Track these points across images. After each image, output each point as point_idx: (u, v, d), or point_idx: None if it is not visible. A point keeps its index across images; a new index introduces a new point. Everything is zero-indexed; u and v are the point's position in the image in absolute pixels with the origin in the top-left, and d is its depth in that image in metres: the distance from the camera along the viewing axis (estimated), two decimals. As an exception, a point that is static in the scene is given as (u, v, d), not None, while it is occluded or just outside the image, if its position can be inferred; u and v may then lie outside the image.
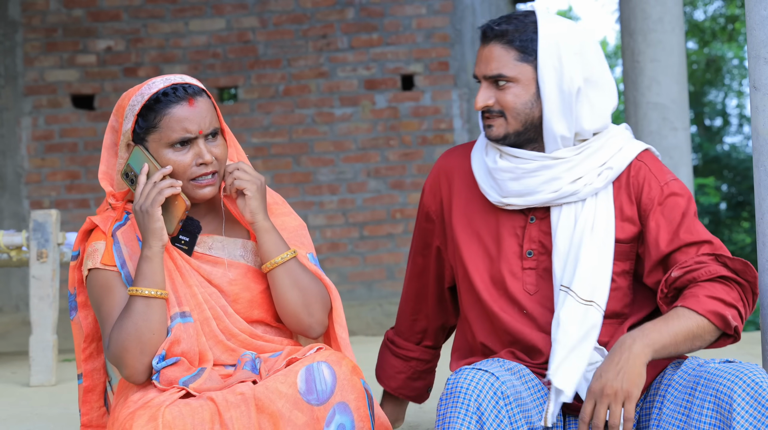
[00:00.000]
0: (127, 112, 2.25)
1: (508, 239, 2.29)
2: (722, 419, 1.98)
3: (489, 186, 2.31)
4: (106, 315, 2.21)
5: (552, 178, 2.24)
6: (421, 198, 2.48)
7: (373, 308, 7.04)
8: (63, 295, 6.97)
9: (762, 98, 2.34)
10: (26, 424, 3.06)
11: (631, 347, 2.07)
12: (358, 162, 7.23)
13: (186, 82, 2.25)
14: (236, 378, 2.17)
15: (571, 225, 2.24)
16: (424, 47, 7.21)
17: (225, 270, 2.29)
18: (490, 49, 2.25)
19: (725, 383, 2.00)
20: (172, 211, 2.23)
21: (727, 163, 17.82)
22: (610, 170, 2.25)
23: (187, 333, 2.21)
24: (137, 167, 2.24)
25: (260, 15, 7.31)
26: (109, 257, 2.24)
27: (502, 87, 2.24)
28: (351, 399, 2.13)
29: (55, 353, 4.00)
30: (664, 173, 2.27)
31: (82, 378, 2.37)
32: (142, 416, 2.04)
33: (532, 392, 2.17)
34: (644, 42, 5.37)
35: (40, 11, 7.33)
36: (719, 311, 2.11)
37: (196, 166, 2.23)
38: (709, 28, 18.21)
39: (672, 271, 2.17)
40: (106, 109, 7.31)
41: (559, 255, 2.23)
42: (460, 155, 2.42)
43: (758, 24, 2.33)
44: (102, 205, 2.36)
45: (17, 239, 4.06)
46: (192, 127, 2.21)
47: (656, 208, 2.23)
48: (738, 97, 20.39)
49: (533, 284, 2.27)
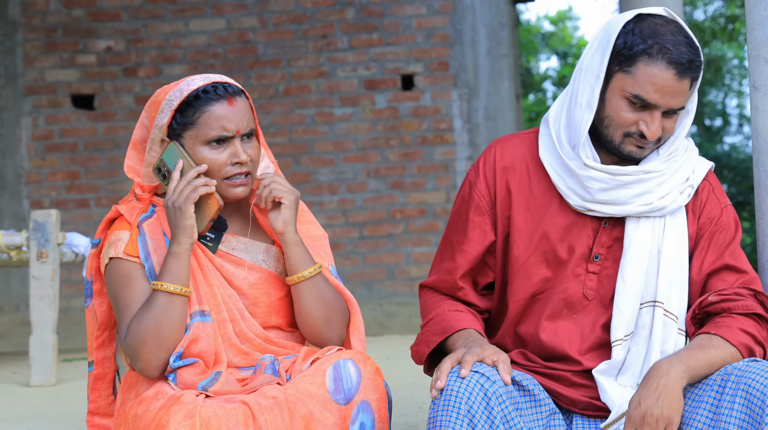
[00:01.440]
0: (164, 106, 2.23)
1: (579, 239, 2.25)
2: (753, 417, 1.97)
3: (570, 188, 2.24)
4: (124, 306, 2.20)
5: (644, 191, 2.21)
6: (470, 190, 2.32)
7: (373, 308, 7.04)
8: (63, 295, 6.97)
9: (762, 98, 2.34)
10: (26, 424, 3.06)
11: (668, 372, 2.05)
12: (358, 162, 7.23)
13: (226, 81, 2.25)
14: (259, 382, 2.16)
15: (647, 238, 2.22)
16: (424, 47, 7.21)
17: (247, 273, 2.29)
18: (685, 84, 2.15)
19: (759, 379, 1.99)
20: (204, 210, 2.22)
21: (727, 163, 17.81)
22: (691, 188, 2.25)
23: (205, 332, 2.20)
24: (171, 163, 2.23)
25: (260, 15, 7.31)
26: (133, 247, 2.23)
27: (671, 116, 2.20)
28: (373, 399, 2.14)
29: (55, 353, 4.00)
30: (724, 196, 2.30)
31: (92, 366, 2.36)
32: (178, 412, 2.03)
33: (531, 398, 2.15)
34: (644, 42, 5.36)
35: (40, 11, 7.33)
36: (750, 345, 2.12)
37: (231, 166, 2.23)
38: (709, 28, 18.20)
39: (709, 295, 2.17)
40: (105, 109, 7.32)
41: (631, 265, 2.21)
42: (517, 147, 2.32)
43: (758, 24, 2.33)
44: (127, 196, 2.35)
45: (17, 239, 4.06)
46: (230, 125, 2.21)
47: (711, 229, 2.25)
48: (738, 97, 20.39)
49: (593, 289, 2.25)
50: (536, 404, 2.15)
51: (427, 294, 2.37)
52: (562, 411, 2.22)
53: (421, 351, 2.29)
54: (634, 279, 2.20)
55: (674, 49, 2.13)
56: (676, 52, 2.12)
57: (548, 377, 2.22)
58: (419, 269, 7.13)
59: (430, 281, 2.36)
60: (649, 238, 2.22)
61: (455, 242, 2.32)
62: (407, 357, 3.09)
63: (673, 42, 2.13)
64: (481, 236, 2.29)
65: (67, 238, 4.20)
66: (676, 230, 2.23)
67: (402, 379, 3.70)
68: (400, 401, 3.34)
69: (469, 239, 2.30)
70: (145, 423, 2.05)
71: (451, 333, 2.24)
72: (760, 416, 1.96)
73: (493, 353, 2.11)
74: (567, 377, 2.21)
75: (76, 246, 4.25)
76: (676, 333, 2.19)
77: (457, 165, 7.14)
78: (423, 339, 2.29)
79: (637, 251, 2.21)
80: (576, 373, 2.21)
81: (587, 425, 2.20)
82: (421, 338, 2.30)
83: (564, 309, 2.24)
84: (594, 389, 2.20)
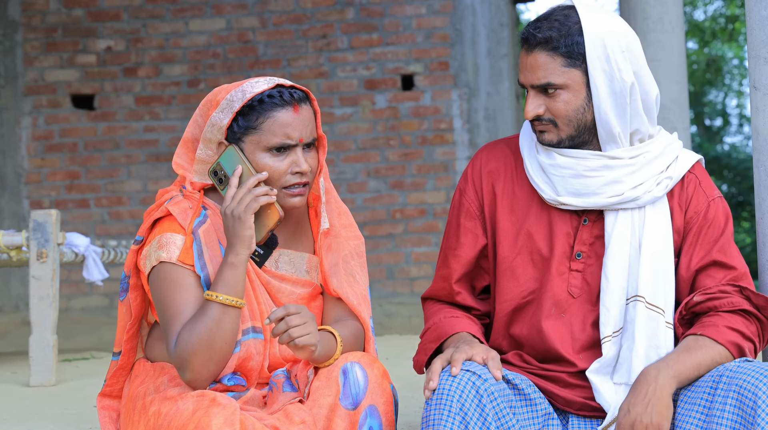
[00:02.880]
0: (224, 106, 2.16)
1: (560, 238, 2.24)
2: (746, 417, 1.97)
3: (544, 182, 2.24)
4: (175, 312, 2.12)
5: (613, 180, 2.19)
6: (460, 196, 2.36)
7: (373, 308, 7.04)
8: (63, 295, 6.97)
9: (762, 98, 2.34)
10: (26, 424, 3.06)
11: (657, 379, 2.05)
12: (358, 162, 7.23)
13: (291, 85, 2.18)
14: (281, 403, 2.12)
15: (627, 231, 2.21)
16: (424, 47, 7.21)
17: (293, 287, 2.25)
18: (535, 57, 2.17)
19: (750, 380, 1.98)
20: (263, 220, 2.15)
21: (727, 163, 17.82)
22: (670, 180, 2.22)
23: (257, 349, 2.16)
24: (229, 168, 2.16)
25: (260, 15, 7.31)
26: (188, 255, 2.15)
27: (551, 95, 2.17)
28: (380, 403, 2.12)
29: (55, 353, 4.00)
30: (712, 189, 2.27)
31: (119, 356, 2.30)
32: (218, 415, 1.98)
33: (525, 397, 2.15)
34: (644, 42, 5.36)
35: (40, 11, 7.33)
36: (738, 343, 2.11)
37: (291, 175, 2.17)
38: (709, 28, 18.20)
39: (695, 295, 2.17)
40: (105, 109, 7.32)
41: (613, 260, 2.20)
42: (502, 151, 2.35)
43: (758, 24, 2.33)
44: (170, 188, 2.27)
45: (17, 239, 4.06)
46: (294, 134, 2.15)
47: (698, 223, 2.22)
48: (738, 97, 20.39)
49: (578, 287, 2.24)
50: (531, 404, 2.15)
51: (427, 305, 2.40)
52: (558, 412, 2.22)
53: (420, 360, 2.31)
54: (617, 275, 2.19)
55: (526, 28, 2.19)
56: (525, 30, 2.18)
57: (544, 378, 2.22)
58: (419, 269, 7.13)
59: (428, 291, 2.39)
60: (629, 231, 2.21)
61: (449, 248, 2.34)
62: (407, 357, 3.09)
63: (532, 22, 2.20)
64: (473, 239, 2.32)
65: (67, 238, 4.20)
66: (657, 221, 2.21)
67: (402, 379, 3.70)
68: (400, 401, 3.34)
69: (461, 244, 2.32)
70: (180, 423, 2.00)
71: (445, 338, 2.26)
72: (752, 417, 1.95)
73: (483, 351, 2.12)
74: (562, 378, 2.21)
75: (76, 246, 4.25)
76: (664, 326, 2.17)
77: (457, 165, 7.14)
78: (421, 348, 2.31)
79: (617, 245, 2.20)
80: (571, 374, 2.21)
81: (583, 425, 2.20)
82: (420, 347, 2.32)
83: (552, 308, 2.24)
84: (589, 389, 2.20)
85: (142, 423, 2.10)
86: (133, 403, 2.17)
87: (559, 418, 2.21)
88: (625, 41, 2.17)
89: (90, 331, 6.88)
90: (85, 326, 7.02)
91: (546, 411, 2.17)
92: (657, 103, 2.23)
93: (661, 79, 5.32)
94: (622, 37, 2.17)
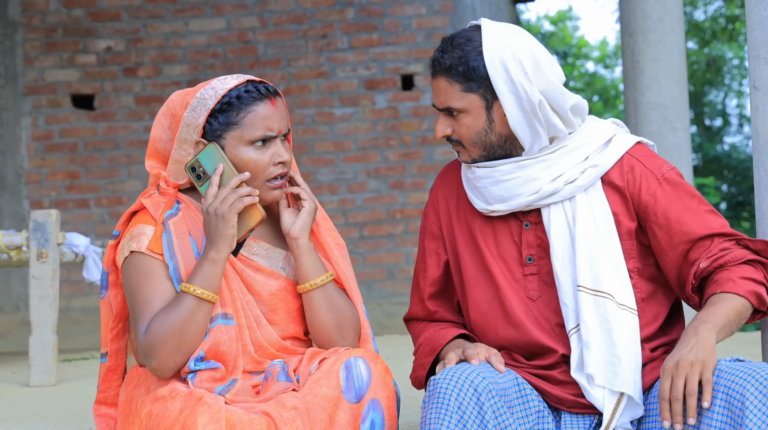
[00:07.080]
0: (196, 105, 2.20)
1: (508, 246, 2.30)
2: (733, 417, 1.98)
3: (475, 195, 2.32)
4: (144, 301, 2.16)
5: (530, 178, 2.24)
6: (424, 220, 2.46)
7: (373, 308, 7.04)
8: (63, 295, 6.97)
9: (762, 98, 2.34)
10: (26, 424, 3.06)
11: (697, 332, 2.07)
12: (358, 162, 7.23)
13: (261, 80, 2.23)
14: (274, 391, 2.15)
15: (563, 224, 2.24)
16: (424, 47, 7.21)
17: (266, 279, 2.28)
18: (438, 81, 2.25)
19: (737, 381, 1.99)
20: (245, 220, 2.18)
21: (727, 163, 17.83)
22: (595, 168, 2.24)
23: (228, 335, 2.18)
24: (209, 165, 2.19)
25: (260, 15, 7.31)
26: (157, 244, 2.18)
27: (456, 117, 2.25)
28: (383, 397, 2.15)
29: (55, 353, 4.00)
30: (659, 165, 2.27)
31: (106, 357, 2.33)
32: (203, 414, 2.00)
33: (519, 395, 2.17)
34: (644, 42, 5.37)
35: (40, 11, 7.33)
36: (756, 290, 2.16)
37: (274, 166, 2.22)
38: (709, 28, 18.21)
39: (699, 262, 2.20)
40: (105, 109, 7.32)
41: (557, 256, 2.23)
42: (454, 172, 2.43)
43: (758, 24, 2.33)
44: (148, 189, 2.30)
45: (17, 239, 4.06)
46: (274, 125, 2.20)
47: (661, 204, 2.23)
48: (738, 97, 20.40)
49: (536, 290, 2.28)
50: (525, 401, 2.18)
51: (411, 325, 2.49)
52: (551, 409, 2.24)
53: (418, 376, 2.36)
54: (563, 268, 2.23)
55: (434, 51, 2.27)
56: (433, 54, 2.27)
57: (535, 376, 2.24)
58: (419, 269, 7.13)
59: (408, 313, 2.49)
60: (564, 224, 2.25)
61: (419, 270, 2.45)
62: (407, 357, 3.10)
63: (440, 45, 2.27)
64: (437, 259, 2.41)
65: (67, 238, 4.20)
66: (591, 208, 2.24)
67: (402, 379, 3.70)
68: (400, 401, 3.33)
69: (427, 266, 2.42)
70: (167, 423, 2.03)
71: (440, 349, 2.32)
72: (740, 418, 1.97)
73: (485, 349, 2.19)
74: (553, 376, 2.23)
75: (76, 246, 4.25)
76: (616, 308, 2.18)
77: (457, 165, 7.14)
78: (417, 364, 2.37)
79: (556, 240, 2.24)
80: (562, 372, 2.23)
81: (576, 422, 2.21)
82: (415, 364, 2.37)
83: (522, 307, 2.28)
84: (579, 386, 2.21)
85: (135, 424, 2.12)
86: (129, 406, 2.19)
87: (552, 415, 2.22)
88: (530, 61, 2.20)
89: (90, 331, 6.88)
90: (85, 326, 7.02)
91: (538, 409, 2.19)
92: (577, 108, 2.26)
93: (661, 79, 5.32)
94: (525, 57, 2.20)
